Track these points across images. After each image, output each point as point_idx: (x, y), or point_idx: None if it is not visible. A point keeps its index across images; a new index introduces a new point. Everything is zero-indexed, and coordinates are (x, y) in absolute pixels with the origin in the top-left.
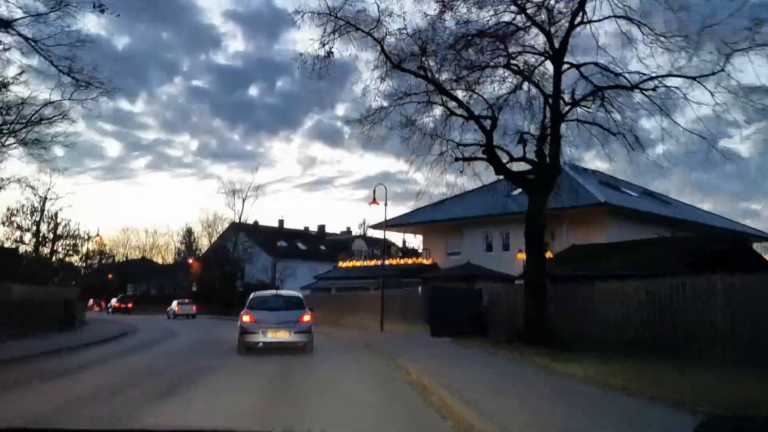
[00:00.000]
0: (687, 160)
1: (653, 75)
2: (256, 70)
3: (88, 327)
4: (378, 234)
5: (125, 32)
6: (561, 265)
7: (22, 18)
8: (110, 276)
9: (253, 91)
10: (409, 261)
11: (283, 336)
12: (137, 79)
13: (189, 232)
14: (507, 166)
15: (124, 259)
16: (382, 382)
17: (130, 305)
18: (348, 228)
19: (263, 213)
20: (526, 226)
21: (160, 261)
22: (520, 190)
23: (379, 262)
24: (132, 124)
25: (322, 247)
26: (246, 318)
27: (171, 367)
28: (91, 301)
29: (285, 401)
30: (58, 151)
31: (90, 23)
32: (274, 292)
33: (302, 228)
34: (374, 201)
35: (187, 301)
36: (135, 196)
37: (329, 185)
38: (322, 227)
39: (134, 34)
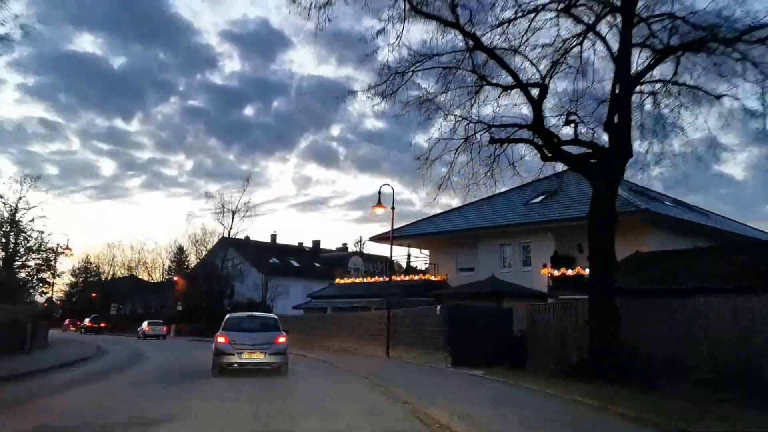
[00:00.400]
0: None
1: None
2: (251, 90)
3: (49, 349)
4: (377, 250)
5: (121, 52)
6: (625, 277)
7: None
8: (94, 295)
9: (249, 111)
10: (415, 277)
11: (258, 357)
12: (133, 98)
13: (180, 250)
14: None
15: (110, 277)
16: None
17: (102, 324)
18: (344, 245)
19: (256, 229)
20: (590, 219)
21: (147, 279)
22: (541, 197)
23: (380, 279)
24: (127, 144)
25: (317, 264)
26: (221, 339)
27: (122, 405)
28: (67, 321)
29: None
30: (52, 169)
31: (86, 43)
32: (249, 313)
33: (296, 244)
34: (379, 204)
35: (159, 321)
36: (129, 216)
37: (324, 205)
38: (317, 243)
39: (130, 54)
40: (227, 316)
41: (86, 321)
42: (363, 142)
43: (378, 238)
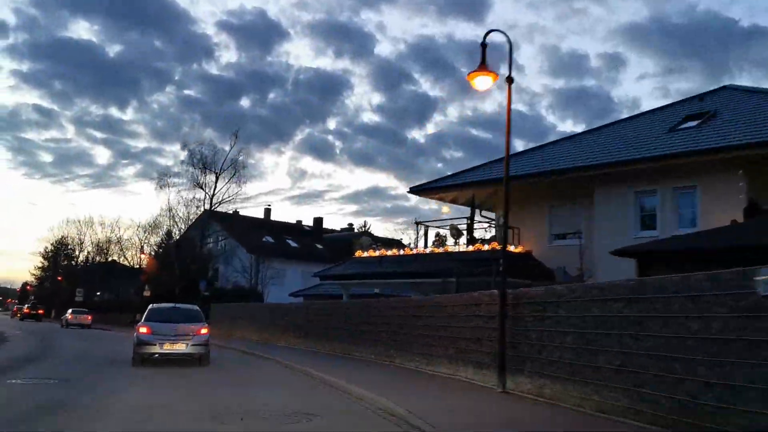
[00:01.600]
0: None
1: None
2: (247, 81)
3: None
4: (387, 232)
5: (117, 40)
6: None
7: None
8: (60, 278)
9: (245, 102)
10: (483, 248)
11: (179, 348)
12: (128, 87)
13: (154, 226)
14: None
15: (84, 259)
16: None
17: (40, 311)
18: (349, 225)
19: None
20: None
21: (123, 262)
22: (695, 122)
23: (436, 250)
24: (122, 132)
25: (319, 246)
26: (143, 330)
27: None
28: (15, 307)
29: None
30: (47, 156)
31: (82, 30)
32: (172, 305)
33: (294, 222)
34: (482, 67)
35: (83, 310)
36: (123, 205)
37: (319, 198)
38: (318, 221)
39: (126, 42)
40: (150, 306)
41: (24, 307)
42: (359, 136)
43: (421, 189)
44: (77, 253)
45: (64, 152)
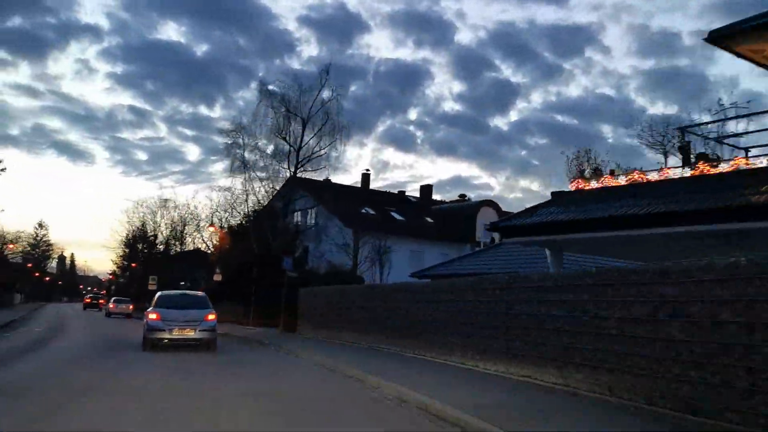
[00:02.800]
0: None
1: None
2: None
3: None
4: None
5: (203, 39)
6: None
7: None
8: (134, 265)
9: (327, 95)
10: None
11: (188, 333)
12: (215, 84)
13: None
14: None
15: (153, 242)
16: None
17: (101, 302)
18: (462, 196)
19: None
20: None
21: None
22: None
23: None
24: (210, 129)
25: (429, 220)
26: (153, 316)
27: None
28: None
29: None
30: (142, 155)
31: (170, 31)
32: (181, 291)
33: (396, 192)
34: None
35: (126, 299)
36: (213, 200)
37: (402, 189)
38: (426, 190)
39: (212, 41)
40: (158, 293)
41: (85, 298)
42: (441, 125)
43: (732, 34)
44: (156, 238)
45: (157, 150)
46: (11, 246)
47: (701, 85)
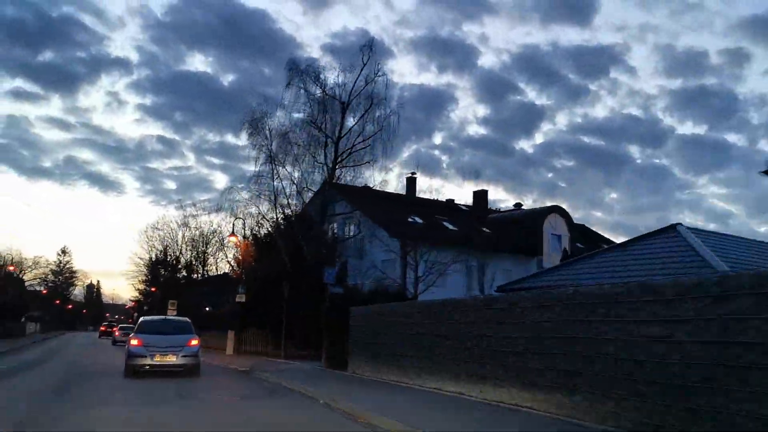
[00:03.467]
0: None
1: None
2: (353, 100)
3: None
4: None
5: (230, 69)
6: None
7: None
8: (154, 289)
9: (351, 121)
10: None
11: (170, 360)
12: (241, 113)
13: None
14: None
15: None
16: None
17: (114, 330)
18: (518, 203)
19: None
20: None
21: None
22: None
23: None
24: (237, 157)
25: (485, 230)
26: (134, 342)
27: None
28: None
29: None
30: (170, 184)
31: (198, 62)
32: (163, 317)
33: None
34: None
35: (131, 326)
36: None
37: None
38: (480, 195)
39: (238, 71)
40: (141, 319)
41: (101, 327)
42: (466, 149)
43: None
44: (178, 261)
45: (186, 179)
46: (11, 267)
47: (730, 103)
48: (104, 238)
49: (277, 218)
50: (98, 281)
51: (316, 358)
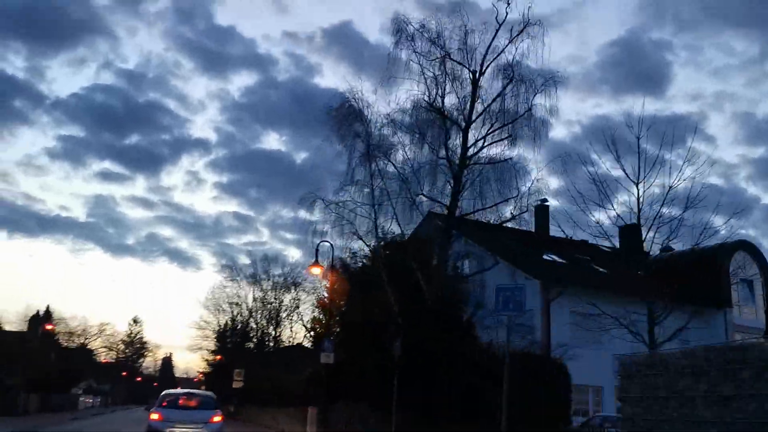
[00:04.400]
0: None
1: None
2: (424, 175)
3: None
4: None
5: (303, 147)
6: None
7: None
8: (219, 358)
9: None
10: None
11: None
12: (314, 189)
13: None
14: None
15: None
16: None
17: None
18: (669, 247)
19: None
20: None
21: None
22: None
23: None
24: (310, 232)
25: (640, 273)
26: (154, 416)
27: None
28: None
29: None
30: (245, 259)
31: (272, 141)
32: (186, 390)
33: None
34: None
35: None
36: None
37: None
38: (630, 231)
39: (310, 148)
40: (163, 392)
41: None
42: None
43: None
44: (247, 326)
45: (260, 254)
46: (49, 326)
47: None
48: (180, 313)
49: (379, 242)
50: (170, 354)
51: None
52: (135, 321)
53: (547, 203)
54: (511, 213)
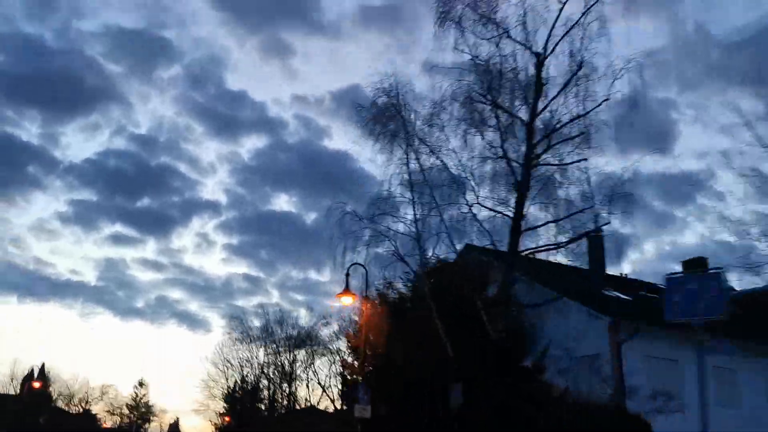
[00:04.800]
0: None
1: None
2: (430, 236)
3: None
4: None
5: (312, 208)
6: None
7: None
8: (227, 419)
9: (432, 256)
10: None
11: None
12: (324, 250)
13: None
14: None
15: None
16: None
17: None
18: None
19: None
20: None
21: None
22: None
23: None
24: (320, 293)
25: (737, 312)
26: None
27: None
28: None
29: None
30: (255, 321)
31: (282, 202)
32: None
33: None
34: None
35: None
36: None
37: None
38: (696, 265)
39: (321, 209)
40: None
41: None
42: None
43: None
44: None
45: (270, 316)
46: (36, 384)
47: None
48: (188, 376)
49: (424, 265)
50: (177, 418)
51: None
52: (141, 384)
53: (602, 232)
54: (575, 232)
